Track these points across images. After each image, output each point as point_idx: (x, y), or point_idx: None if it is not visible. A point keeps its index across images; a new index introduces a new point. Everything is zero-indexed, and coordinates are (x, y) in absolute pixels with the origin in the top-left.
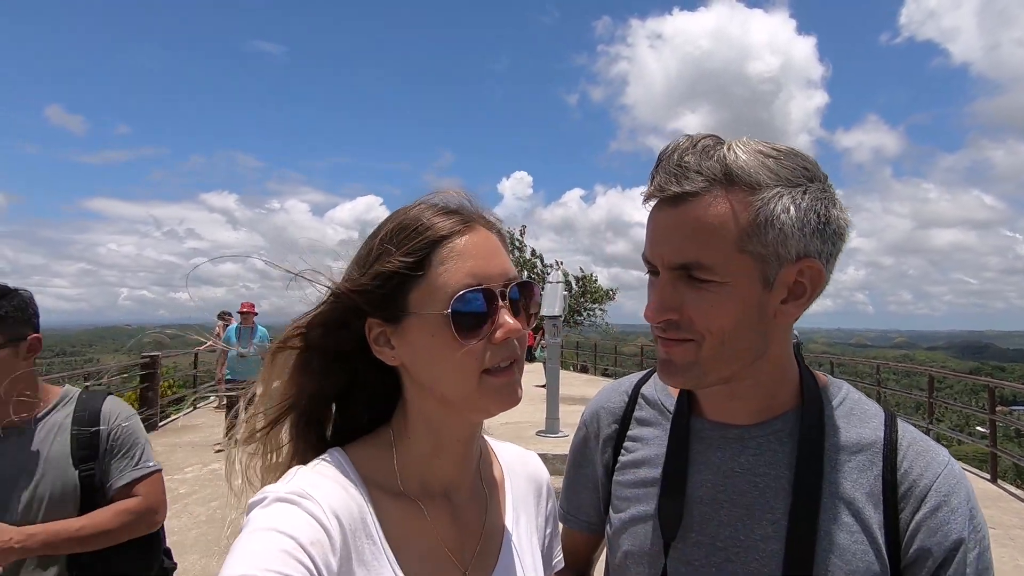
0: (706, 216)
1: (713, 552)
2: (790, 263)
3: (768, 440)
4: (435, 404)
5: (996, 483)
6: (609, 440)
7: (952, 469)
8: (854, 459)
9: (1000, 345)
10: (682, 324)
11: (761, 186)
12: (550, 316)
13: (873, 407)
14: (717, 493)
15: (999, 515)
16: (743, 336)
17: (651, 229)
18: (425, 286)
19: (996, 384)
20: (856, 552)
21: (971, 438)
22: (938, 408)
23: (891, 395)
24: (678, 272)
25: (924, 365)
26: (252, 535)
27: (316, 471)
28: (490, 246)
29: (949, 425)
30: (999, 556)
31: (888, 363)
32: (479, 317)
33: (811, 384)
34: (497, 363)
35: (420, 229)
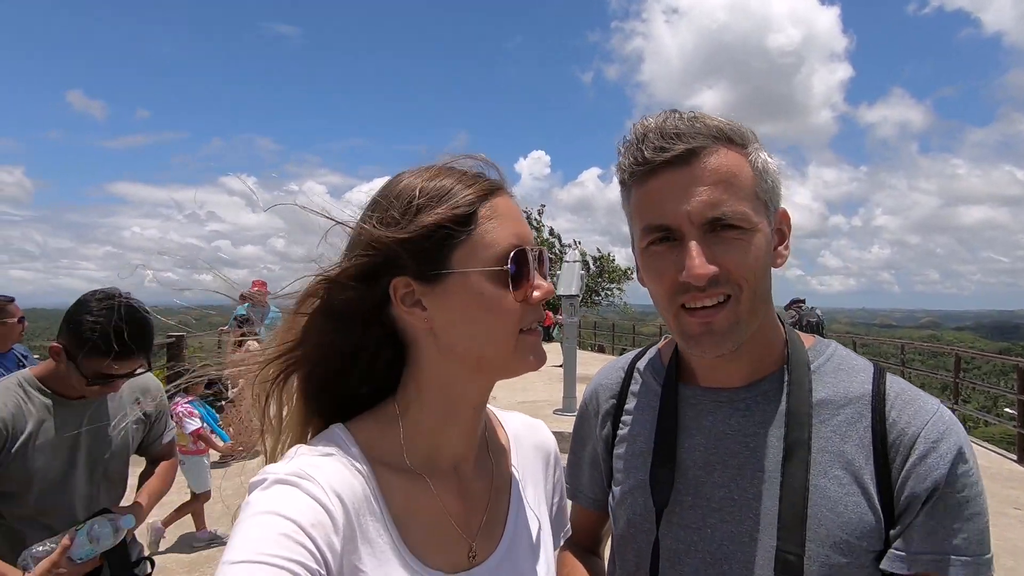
0: (725, 167)
1: (709, 514)
2: (776, 210)
3: (757, 400)
4: (459, 368)
5: (1023, 464)
6: (607, 416)
7: (941, 416)
8: (843, 412)
9: None
10: (721, 278)
11: (749, 141)
12: (567, 296)
13: (862, 362)
14: (709, 456)
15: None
16: (765, 282)
17: (661, 192)
18: (471, 243)
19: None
20: (848, 504)
21: (999, 419)
22: (965, 389)
23: (916, 375)
24: (707, 227)
25: (951, 345)
26: (252, 519)
27: (317, 450)
28: (518, 210)
29: (976, 406)
30: (1022, 536)
31: (913, 343)
32: (523, 276)
33: (797, 343)
34: (532, 323)
35: (462, 187)
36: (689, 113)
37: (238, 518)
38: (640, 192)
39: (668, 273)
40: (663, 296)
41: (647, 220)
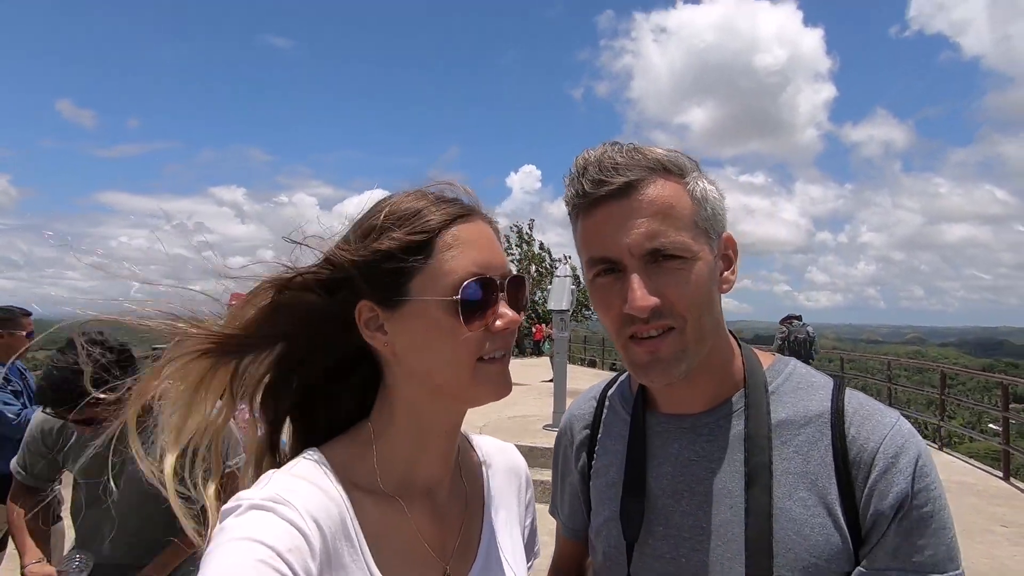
0: (662, 198)
1: (680, 543)
2: (719, 236)
3: (720, 424)
4: (424, 394)
5: (1009, 481)
6: (582, 446)
7: (899, 429)
8: (804, 432)
9: (1014, 341)
10: (664, 310)
11: (687, 171)
12: (558, 310)
13: (821, 379)
14: (677, 484)
15: (1012, 513)
16: (711, 309)
17: (601, 225)
18: (429, 271)
19: (1010, 381)
20: (815, 526)
21: (983, 435)
22: (950, 405)
23: (902, 391)
24: (648, 258)
25: (936, 362)
26: (227, 545)
27: (292, 473)
28: (490, 237)
29: (961, 422)
30: (1011, 554)
31: (899, 359)
32: (482, 305)
33: (754, 363)
34: (493, 352)
35: (425, 213)
36: (630, 145)
37: (211, 545)
38: (583, 225)
39: (614, 305)
40: (611, 328)
41: (590, 253)
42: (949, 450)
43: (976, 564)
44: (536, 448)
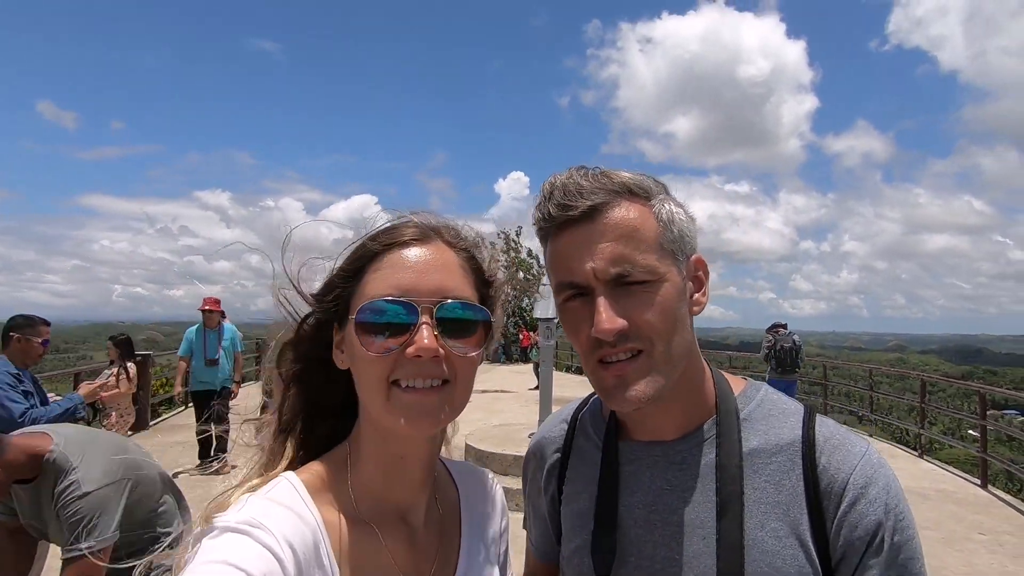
0: (626, 221)
1: (653, 574)
2: (688, 258)
3: (692, 452)
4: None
5: (987, 488)
6: (553, 470)
7: (868, 459)
8: (775, 461)
9: (993, 349)
10: (631, 333)
11: (652, 194)
12: (544, 318)
13: (792, 405)
14: (650, 514)
15: (989, 521)
16: (681, 332)
17: (567, 250)
18: (357, 293)
19: (987, 390)
20: (786, 556)
21: (962, 443)
22: (930, 412)
23: (883, 398)
24: (614, 282)
25: (917, 369)
26: (201, 568)
27: (268, 498)
28: (433, 261)
29: (941, 429)
30: (988, 562)
31: (881, 367)
32: (393, 328)
33: (725, 389)
34: (407, 379)
35: (367, 241)
36: (596, 169)
37: (184, 568)
38: (551, 249)
39: (583, 329)
40: (581, 352)
41: (558, 278)
42: (929, 457)
43: (955, 571)
44: (521, 457)
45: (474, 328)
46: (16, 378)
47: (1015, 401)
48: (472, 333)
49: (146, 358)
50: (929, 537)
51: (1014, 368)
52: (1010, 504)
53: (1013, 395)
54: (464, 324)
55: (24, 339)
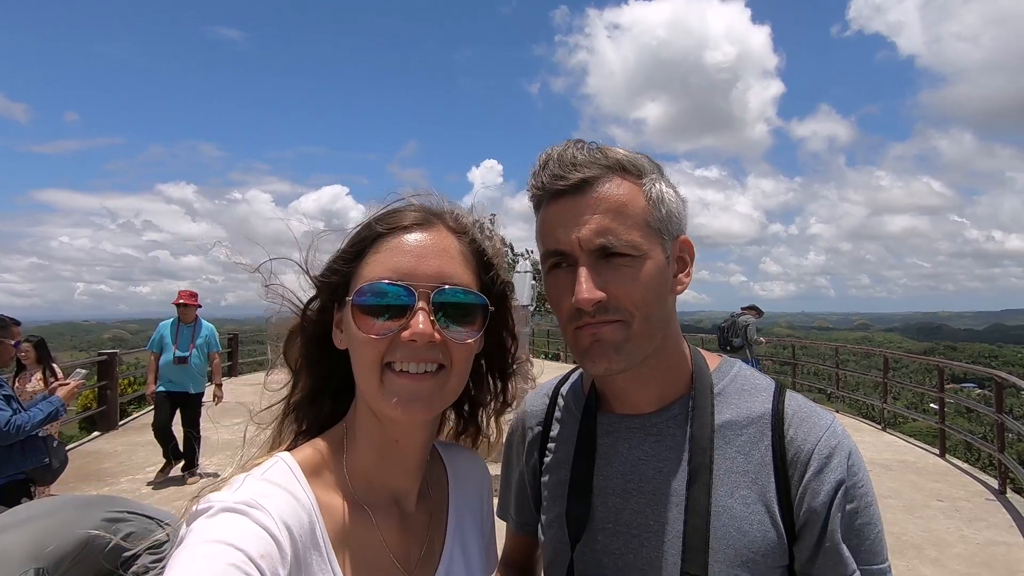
0: (615, 196)
1: (629, 540)
2: (675, 239)
3: (668, 425)
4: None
5: (944, 458)
6: (534, 443)
7: (833, 431)
8: (746, 432)
9: (952, 325)
10: (610, 305)
11: (645, 172)
12: (519, 305)
13: (764, 381)
14: (627, 483)
15: (946, 488)
16: (660, 308)
17: (556, 219)
18: (356, 275)
19: (946, 364)
20: (753, 522)
21: (924, 415)
22: (893, 388)
23: (850, 376)
24: (598, 253)
25: (881, 347)
26: (197, 547)
27: (265, 478)
28: (434, 246)
29: (903, 404)
30: (946, 527)
31: (847, 345)
32: (390, 311)
33: (701, 366)
34: (401, 362)
35: (371, 223)
36: (593, 144)
37: (179, 547)
38: (541, 217)
39: (565, 298)
40: (561, 319)
41: (545, 245)
42: (892, 430)
43: (914, 537)
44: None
45: (472, 314)
46: None
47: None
48: (470, 319)
49: (112, 356)
50: (891, 505)
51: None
52: (967, 472)
53: (971, 369)
54: (462, 310)
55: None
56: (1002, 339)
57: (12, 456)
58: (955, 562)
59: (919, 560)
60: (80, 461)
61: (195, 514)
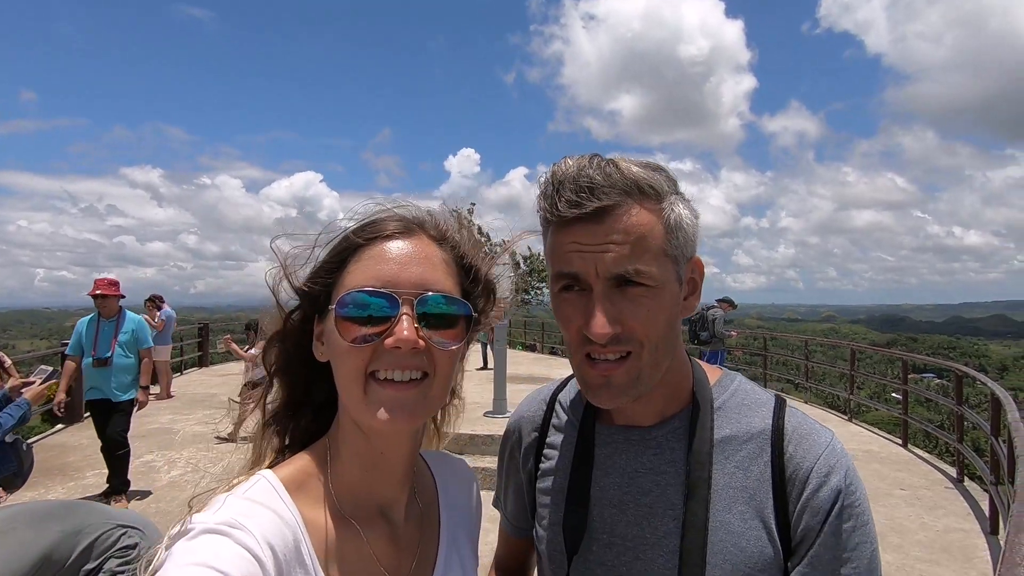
0: (634, 225)
1: (623, 552)
2: (687, 260)
3: (668, 439)
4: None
5: (907, 447)
6: (530, 449)
7: (833, 449)
8: (745, 448)
9: (915, 317)
10: (622, 337)
11: (663, 195)
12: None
13: (764, 396)
14: (623, 495)
15: (909, 477)
16: (670, 337)
17: (571, 244)
18: (338, 284)
19: (909, 356)
20: (750, 538)
21: (886, 405)
22: (858, 378)
23: (817, 367)
24: (613, 282)
25: (847, 339)
26: (179, 571)
27: (247, 497)
28: (416, 254)
29: (867, 393)
30: (906, 514)
31: (815, 338)
32: (373, 320)
33: (702, 380)
34: (385, 370)
35: (349, 234)
36: (607, 160)
37: (160, 570)
38: (554, 240)
39: (575, 322)
40: (570, 342)
41: (558, 268)
42: (857, 420)
43: (877, 524)
44: (477, 436)
45: (455, 322)
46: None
47: (933, 365)
48: (453, 326)
49: None
50: None
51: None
52: (927, 461)
53: (932, 361)
54: (445, 318)
55: None
56: (960, 331)
57: None
58: (916, 548)
59: (882, 547)
60: (44, 455)
61: (175, 536)
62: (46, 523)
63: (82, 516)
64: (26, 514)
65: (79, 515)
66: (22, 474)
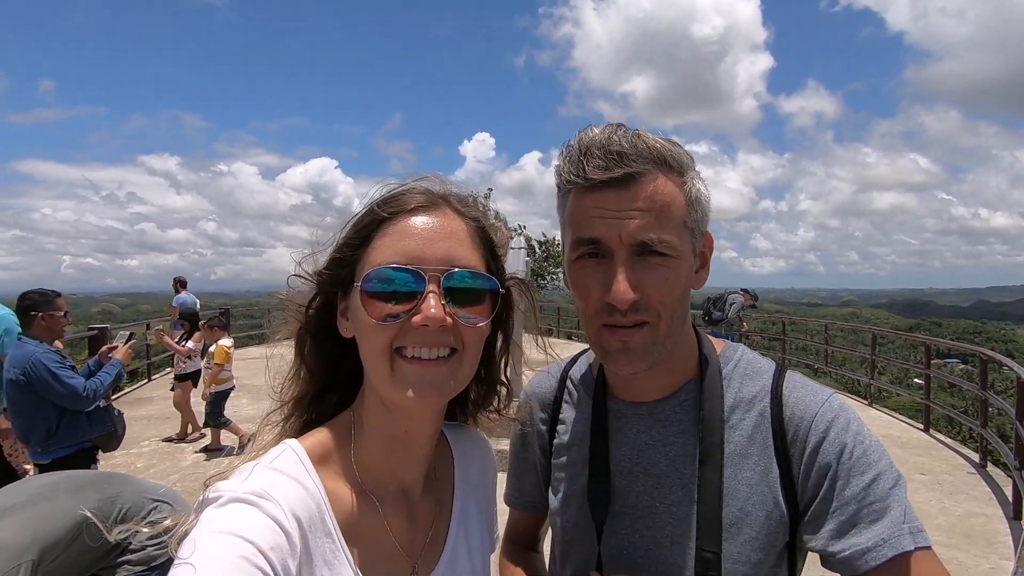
0: (659, 194)
1: (636, 520)
2: (701, 235)
3: (675, 411)
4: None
5: (928, 432)
6: (543, 424)
7: (830, 404)
8: (748, 415)
9: (939, 302)
10: (640, 304)
11: (685, 170)
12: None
13: (765, 364)
14: (634, 466)
15: (929, 462)
16: (683, 308)
17: (595, 210)
18: (363, 260)
19: (932, 341)
20: (756, 502)
21: (908, 390)
22: (880, 363)
23: (837, 352)
24: (635, 250)
25: (868, 324)
26: (207, 538)
27: (274, 467)
28: (441, 229)
29: (889, 378)
30: (927, 499)
31: (835, 322)
32: (399, 296)
33: (710, 349)
34: (413, 347)
35: (373, 208)
36: (632, 131)
37: (189, 535)
38: (576, 204)
39: (594, 291)
40: (586, 311)
41: (579, 233)
42: (878, 405)
43: None
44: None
45: (482, 297)
46: (60, 355)
47: (957, 351)
48: (480, 302)
49: (103, 331)
50: None
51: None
52: (949, 446)
53: (955, 345)
54: (472, 293)
55: (48, 316)
56: (985, 316)
57: (80, 425)
58: (936, 533)
59: None
60: None
61: (204, 503)
62: (85, 491)
63: (118, 486)
64: (68, 481)
65: (115, 485)
66: (117, 436)
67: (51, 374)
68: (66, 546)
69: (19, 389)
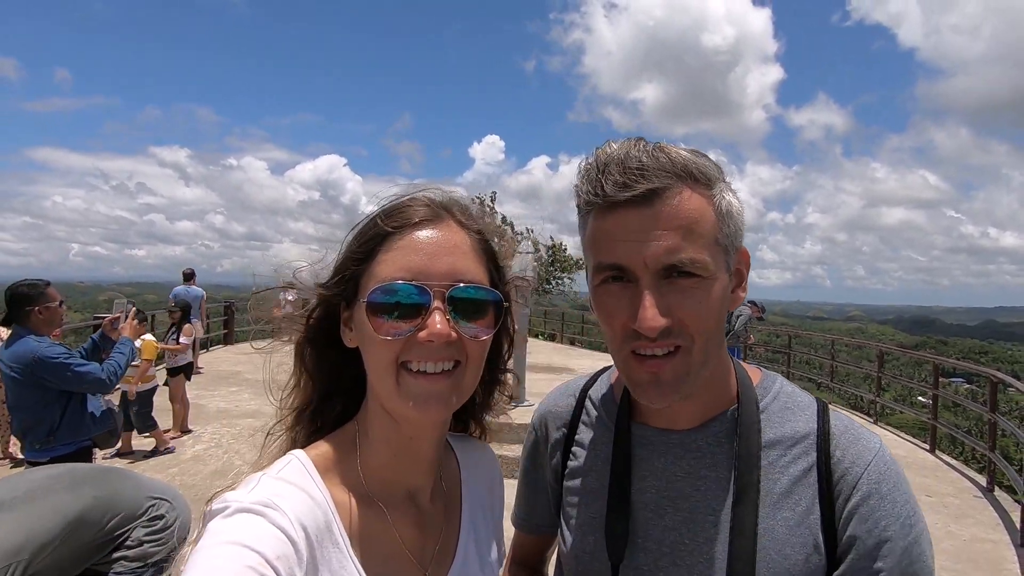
0: (685, 210)
1: (660, 557)
2: (736, 251)
3: (708, 443)
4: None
5: (934, 453)
6: (557, 444)
7: (882, 456)
8: (790, 452)
9: (946, 320)
10: (672, 330)
11: (713, 182)
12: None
13: (806, 399)
14: (661, 499)
15: (935, 484)
16: (719, 330)
17: (617, 232)
18: (367, 274)
19: (940, 360)
20: (795, 544)
21: (912, 408)
22: (884, 380)
23: (842, 367)
24: (663, 273)
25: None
26: (214, 549)
27: (280, 477)
28: (445, 243)
29: (892, 396)
30: (932, 522)
31: (841, 337)
32: (404, 310)
33: (746, 382)
34: (418, 361)
35: (376, 221)
36: (653, 144)
37: (195, 546)
38: (596, 226)
39: (620, 316)
40: (613, 338)
41: (601, 258)
42: (882, 423)
43: None
44: (501, 424)
45: (486, 310)
46: (63, 346)
47: (962, 369)
48: (484, 315)
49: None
50: None
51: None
52: (955, 468)
53: (963, 365)
54: (476, 306)
55: (44, 308)
56: (993, 336)
57: (84, 422)
58: (941, 558)
59: None
60: None
61: (211, 514)
62: (82, 487)
63: (116, 483)
64: (66, 476)
65: (113, 482)
66: (116, 433)
67: (64, 367)
68: (60, 543)
69: (21, 385)
